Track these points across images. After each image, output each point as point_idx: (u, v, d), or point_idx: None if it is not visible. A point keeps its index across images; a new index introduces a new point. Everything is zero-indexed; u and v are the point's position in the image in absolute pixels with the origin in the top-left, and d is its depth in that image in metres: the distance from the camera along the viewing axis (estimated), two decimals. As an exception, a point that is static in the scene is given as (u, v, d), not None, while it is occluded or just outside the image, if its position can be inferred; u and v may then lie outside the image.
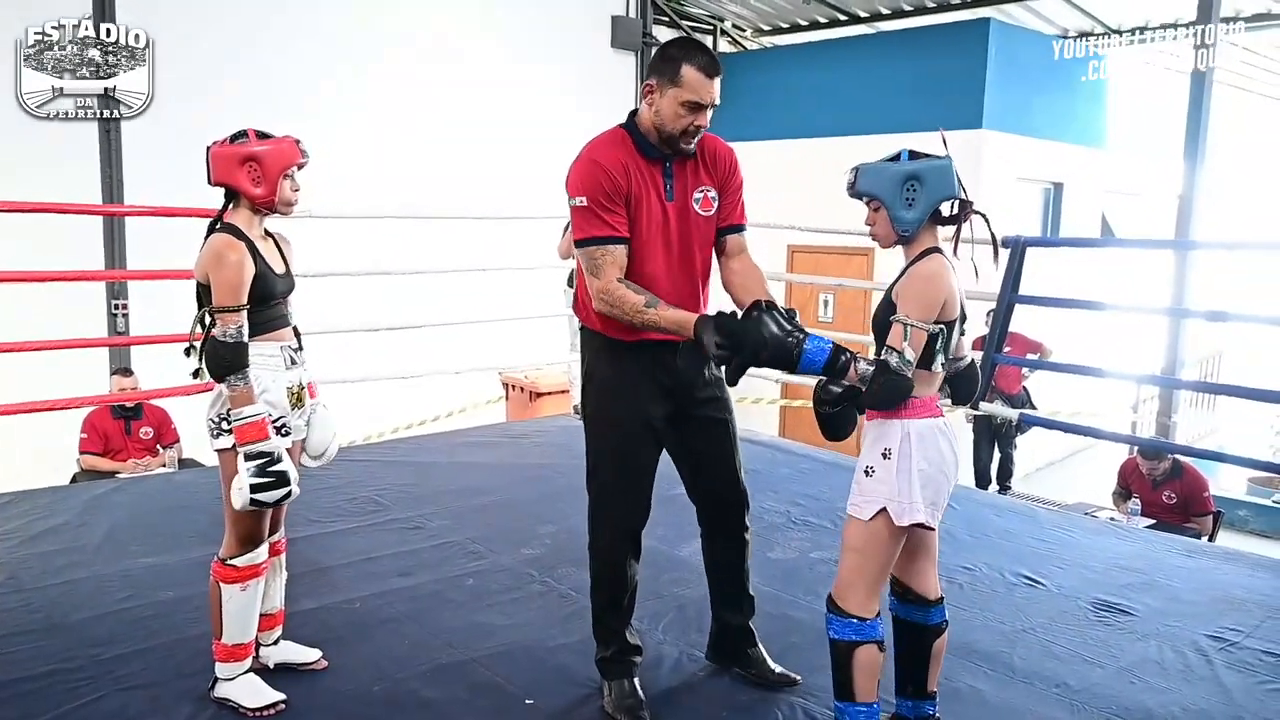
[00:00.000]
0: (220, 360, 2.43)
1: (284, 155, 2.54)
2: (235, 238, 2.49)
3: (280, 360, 2.58)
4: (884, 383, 2.13)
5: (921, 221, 2.24)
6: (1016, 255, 4.77)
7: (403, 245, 7.42)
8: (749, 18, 11.58)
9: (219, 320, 2.43)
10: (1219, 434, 10.65)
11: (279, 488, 2.43)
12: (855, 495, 2.27)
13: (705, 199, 2.55)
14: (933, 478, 2.21)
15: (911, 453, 2.19)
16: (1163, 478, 5.68)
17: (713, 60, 2.42)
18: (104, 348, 7.09)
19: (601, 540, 2.67)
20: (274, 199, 2.54)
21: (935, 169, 2.24)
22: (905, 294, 2.19)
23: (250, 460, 2.41)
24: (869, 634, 2.23)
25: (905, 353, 2.12)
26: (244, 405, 2.43)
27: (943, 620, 2.41)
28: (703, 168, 2.55)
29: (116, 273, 7.14)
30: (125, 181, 7.19)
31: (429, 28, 8.79)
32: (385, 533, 4.02)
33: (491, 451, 5.31)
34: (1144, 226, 11.40)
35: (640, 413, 2.57)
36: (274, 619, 2.77)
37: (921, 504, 2.19)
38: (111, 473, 5.43)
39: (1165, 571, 3.82)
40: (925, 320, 2.15)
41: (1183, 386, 8.68)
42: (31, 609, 3.19)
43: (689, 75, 2.38)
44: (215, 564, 2.55)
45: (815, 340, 2.18)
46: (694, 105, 2.40)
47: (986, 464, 8.17)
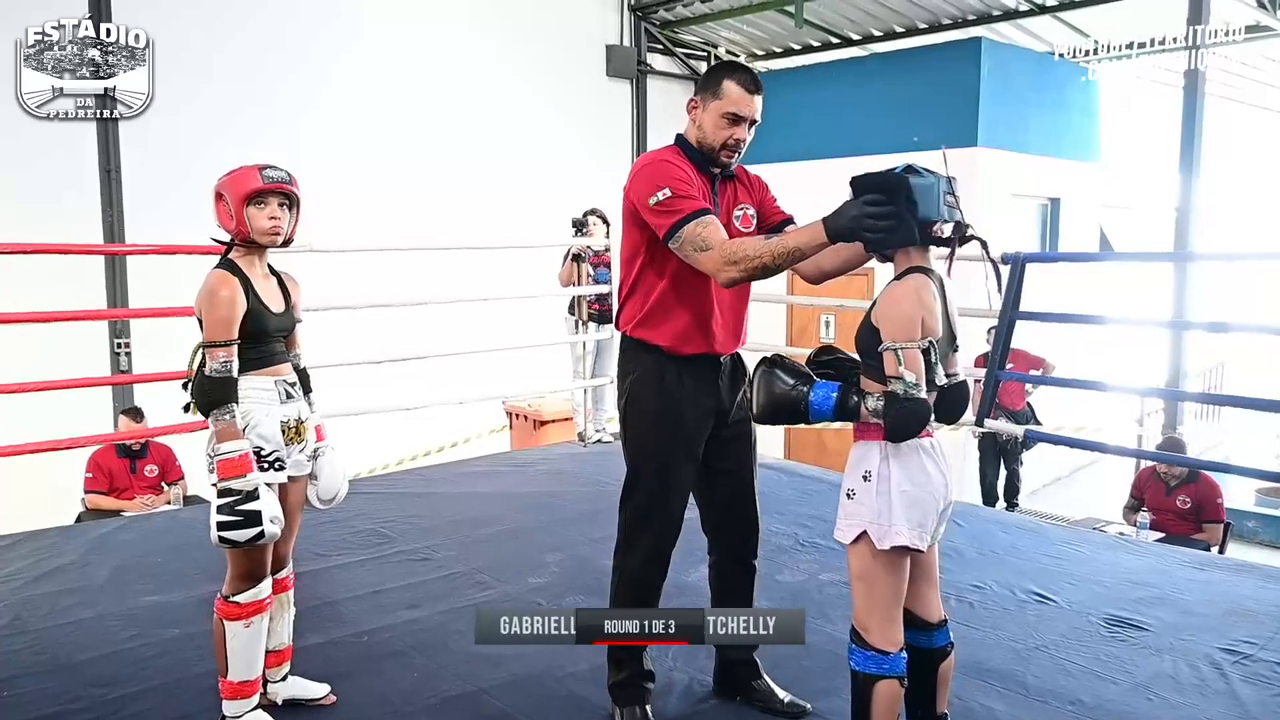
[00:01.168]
0: (206, 394, 2.43)
1: (239, 182, 2.49)
2: (230, 273, 2.50)
3: (275, 394, 2.57)
4: (897, 413, 2.10)
5: None
6: (1016, 271, 4.77)
7: (402, 276, 7.44)
8: (742, 43, 11.67)
9: (208, 354, 2.44)
10: (1225, 445, 10.61)
11: (248, 527, 2.39)
12: (839, 519, 2.24)
13: (745, 216, 2.63)
14: (918, 499, 2.16)
15: (891, 474, 2.16)
16: (1178, 482, 5.68)
17: (754, 78, 2.53)
18: (107, 387, 7.10)
19: (633, 562, 2.67)
20: (245, 229, 2.51)
21: (918, 187, 2.18)
22: (882, 318, 2.16)
23: (222, 497, 2.39)
24: (891, 669, 2.19)
25: (906, 377, 2.09)
26: (226, 440, 2.42)
27: (947, 643, 2.38)
28: (742, 188, 2.67)
29: (118, 311, 7.16)
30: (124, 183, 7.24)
31: (423, 56, 8.86)
32: (392, 565, 4.00)
33: (497, 481, 5.29)
34: (1142, 240, 11.43)
35: (684, 436, 2.61)
36: (282, 655, 2.75)
37: (904, 526, 2.14)
38: (116, 511, 5.42)
39: (1177, 585, 3.80)
40: (910, 340, 2.11)
41: (1187, 398, 8.67)
42: (37, 649, 3.17)
43: (729, 88, 2.49)
44: (218, 601, 2.54)
45: (821, 389, 2.18)
46: (734, 117, 2.50)
47: (993, 481, 8.14)
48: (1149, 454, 7.81)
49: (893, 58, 10.32)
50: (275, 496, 2.48)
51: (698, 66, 11.48)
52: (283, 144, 7.53)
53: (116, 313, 7.17)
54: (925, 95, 9.42)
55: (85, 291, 6.93)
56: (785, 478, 5.46)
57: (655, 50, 11.04)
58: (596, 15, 10.43)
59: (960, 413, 2.36)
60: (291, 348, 2.70)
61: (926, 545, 2.21)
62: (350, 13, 8.44)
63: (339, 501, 2.80)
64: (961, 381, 2.33)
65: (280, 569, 2.71)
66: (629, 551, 2.67)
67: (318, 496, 2.74)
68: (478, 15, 9.27)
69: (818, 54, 11.49)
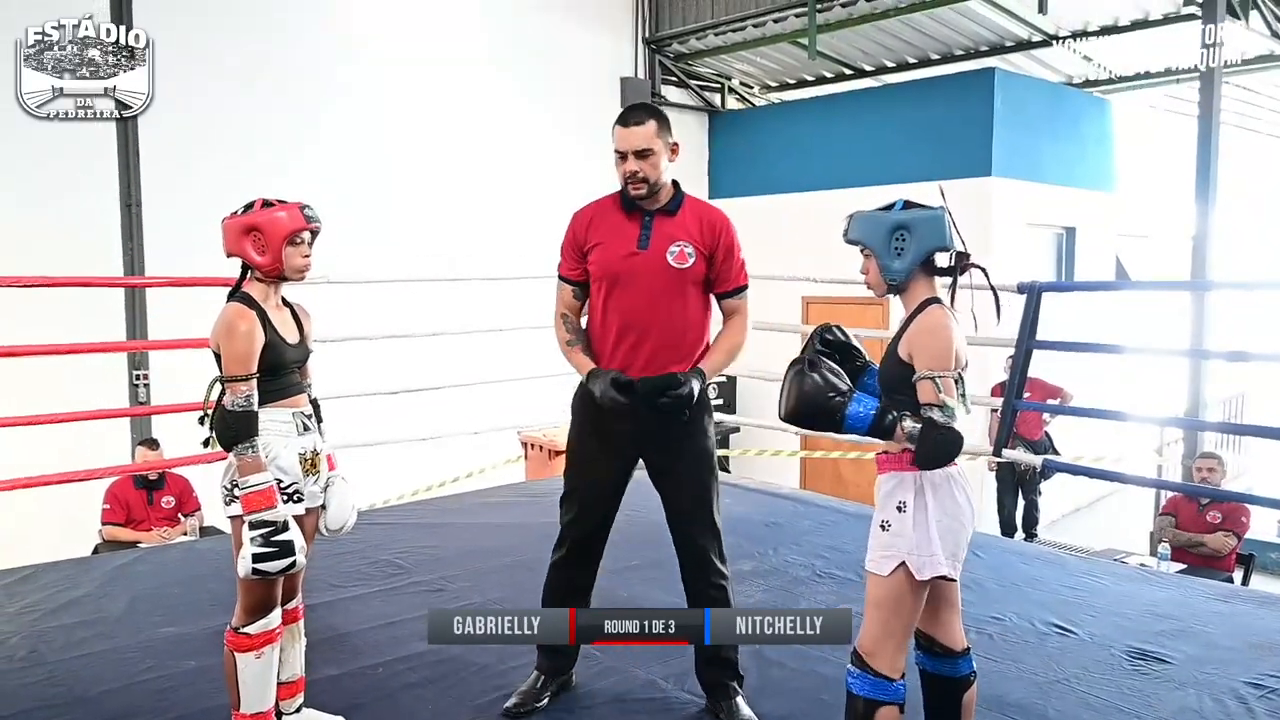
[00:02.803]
0: (228, 429, 2.44)
1: (283, 223, 2.52)
2: (247, 306, 2.51)
3: (292, 426, 2.58)
4: (935, 439, 2.10)
5: (909, 272, 2.25)
6: (1032, 301, 4.75)
7: (417, 306, 7.47)
8: (755, 75, 11.75)
9: (228, 389, 2.45)
10: (1248, 476, 10.50)
11: (282, 557, 2.40)
12: (873, 551, 2.23)
13: (681, 253, 2.74)
14: (950, 528, 2.18)
15: (928, 504, 2.17)
16: (1209, 500, 5.69)
17: (633, 111, 2.74)
18: (125, 418, 7.14)
19: (556, 558, 2.95)
20: (279, 267, 2.54)
21: (925, 220, 2.24)
22: (919, 348, 2.17)
23: (254, 529, 2.39)
24: (893, 695, 2.19)
25: (946, 404, 2.10)
26: (251, 474, 2.42)
27: (971, 671, 2.37)
28: (686, 225, 2.78)
29: (137, 343, 7.21)
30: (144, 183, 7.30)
31: (436, 86, 8.93)
32: (407, 596, 3.99)
33: (512, 511, 5.28)
34: (1159, 269, 11.38)
35: (597, 454, 2.86)
36: (295, 686, 2.74)
37: (942, 556, 2.16)
38: (133, 543, 5.43)
39: (1200, 618, 3.75)
40: (946, 370, 2.14)
41: (1207, 428, 8.57)
42: (54, 682, 3.17)
43: (615, 132, 2.74)
44: (228, 633, 2.53)
45: (860, 401, 2.17)
46: (621, 154, 2.72)
47: (1011, 511, 8.08)
48: (1169, 484, 7.76)
49: (906, 88, 10.36)
50: (298, 528, 2.49)
51: (711, 99, 11.56)
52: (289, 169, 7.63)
53: (135, 345, 7.22)
54: (939, 126, 9.45)
55: (104, 319, 6.98)
56: (802, 508, 5.43)
57: (669, 82, 11.12)
58: (611, 48, 10.53)
59: None
60: (303, 378, 2.71)
61: (959, 573, 2.23)
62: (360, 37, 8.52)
63: (346, 532, 2.80)
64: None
65: (290, 600, 2.71)
66: (555, 550, 2.95)
67: (325, 525, 2.74)
68: (492, 46, 9.36)
69: (831, 85, 11.55)
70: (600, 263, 2.77)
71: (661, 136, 2.72)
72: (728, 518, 5.09)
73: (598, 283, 2.80)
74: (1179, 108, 11.44)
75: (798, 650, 3.25)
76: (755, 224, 9.27)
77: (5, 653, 3.41)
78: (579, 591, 2.94)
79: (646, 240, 2.74)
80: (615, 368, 2.75)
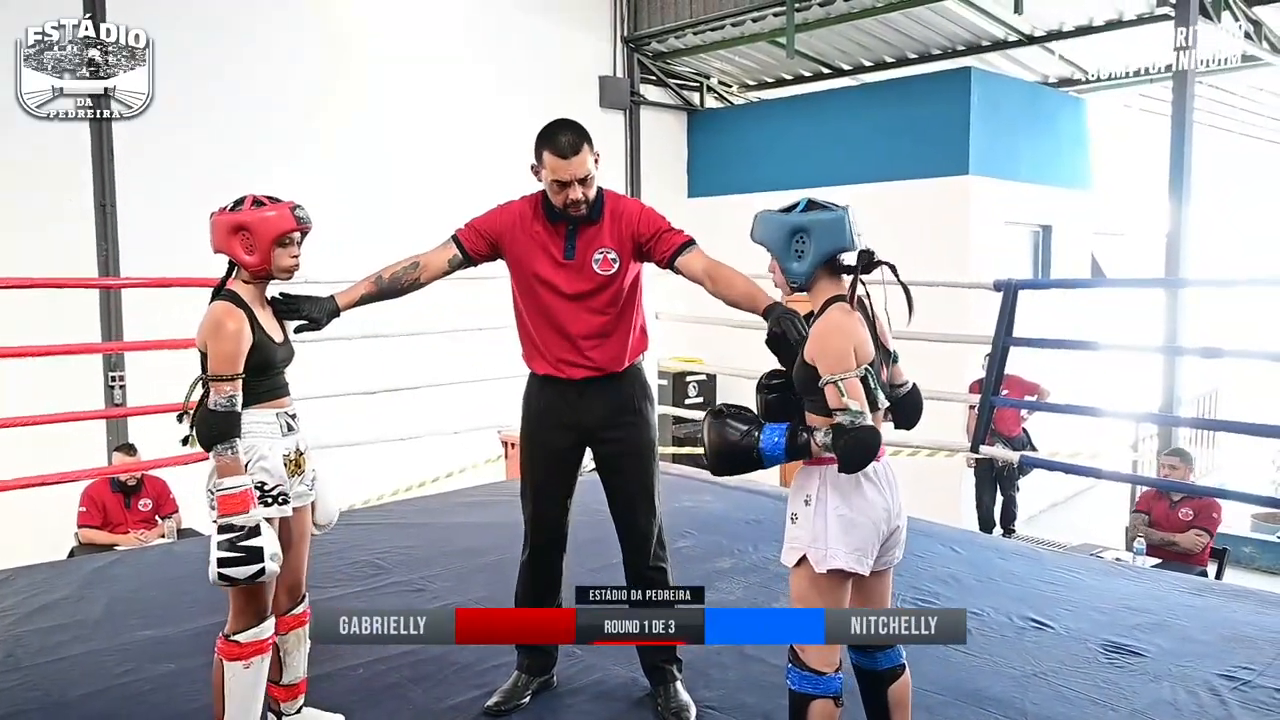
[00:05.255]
0: (210, 429, 2.40)
1: (273, 223, 2.48)
2: (235, 305, 2.47)
3: (277, 427, 2.55)
4: (846, 443, 2.11)
5: (809, 274, 2.25)
6: (1009, 298, 4.79)
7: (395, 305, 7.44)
8: (734, 73, 11.78)
9: (213, 388, 2.41)
10: (1221, 471, 10.62)
11: (249, 564, 2.34)
12: (785, 542, 2.30)
13: (605, 260, 2.78)
14: (855, 524, 2.19)
15: (828, 498, 2.20)
16: (1182, 495, 5.75)
17: (569, 141, 2.67)
18: (101, 420, 7.08)
19: (523, 557, 3.00)
20: (267, 267, 2.51)
21: (824, 221, 2.22)
22: (818, 354, 2.18)
23: (223, 533, 2.35)
24: (826, 688, 2.22)
25: (850, 406, 2.11)
26: (228, 475, 2.38)
27: (896, 664, 2.39)
28: (606, 231, 2.80)
29: (113, 345, 7.15)
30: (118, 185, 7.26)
31: (418, 83, 8.91)
32: (387, 596, 3.98)
33: (492, 511, 5.27)
34: (1133, 266, 11.49)
35: (540, 448, 2.93)
36: (297, 688, 2.74)
37: (842, 550, 2.18)
38: (110, 546, 5.39)
39: (1174, 611, 3.79)
40: (847, 370, 2.13)
41: (1181, 424, 8.68)
42: (30, 686, 3.14)
43: (548, 159, 2.69)
44: (219, 640, 2.48)
45: (769, 431, 2.20)
46: (560, 183, 2.68)
47: (989, 507, 8.13)
48: (1144, 479, 7.83)
49: (884, 88, 10.42)
50: (275, 533, 2.44)
51: (690, 97, 11.57)
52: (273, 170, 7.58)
53: (111, 346, 7.16)
54: (916, 124, 9.51)
55: (80, 322, 6.92)
56: (782, 505, 5.41)
57: (648, 81, 11.12)
58: (590, 47, 10.52)
59: (918, 415, 2.43)
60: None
61: (867, 569, 2.23)
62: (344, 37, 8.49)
63: (330, 527, 2.81)
64: (913, 387, 2.40)
65: (297, 603, 2.70)
66: (523, 549, 3.01)
67: (314, 522, 2.73)
68: (473, 45, 9.35)
69: (809, 84, 11.59)
70: (527, 271, 2.81)
71: (593, 154, 2.74)
72: (708, 515, 5.14)
73: (524, 290, 2.85)
74: (1153, 107, 11.56)
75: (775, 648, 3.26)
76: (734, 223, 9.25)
77: (-20, 657, 3.38)
78: (550, 588, 2.99)
79: (572, 250, 2.78)
80: (548, 365, 2.85)
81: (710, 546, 4.60)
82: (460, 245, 2.86)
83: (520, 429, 3.00)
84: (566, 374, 2.84)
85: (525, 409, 2.98)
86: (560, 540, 2.99)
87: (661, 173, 11.20)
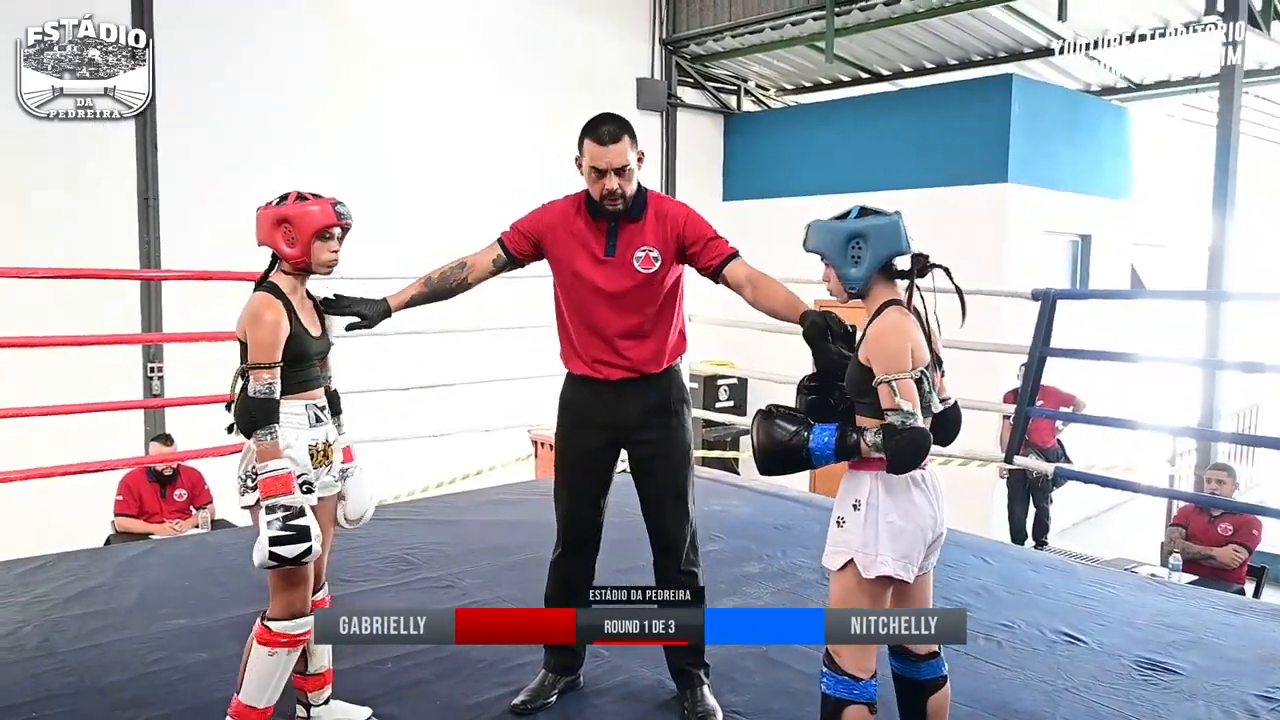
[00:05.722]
0: (249, 415, 2.47)
1: (314, 217, 2.54)
2: (274, 296, 2.54)
3: (305, 418, 2.59)
4: (898, 443, 2.12)
5: (866, 279, 2.26)
6: (1047, 308, 4.74)
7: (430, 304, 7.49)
8: (772, 77, 11.74)
9: (251, 376, 2.48)
10: (1260, 487, 10.43)
11: (299, 542, 2.42)
12: (828, 546, 2.29)
13: (646, 258, 2.78)
14: (904, 530, 2.20)
15: (880, 504, 2.20)
16: (1221, 510, 5.67)
17: (609, 131, 2.70)
18: (139, 410, 7.18)
19: (555, 554, 3.02)
20: (307, 260, 2.56)
21: (880, 227, 2.25)
22: (873, 354, 2.20)
23: (271, 513, 2.41)
24: (861, 694, 2.22)
25: (903, 407, 2.12)
26: (270, 459, 2.45)
27: (938, 675, 2.39)
28: (649, 229, 2.80)
29: (151, 336, 7.25)
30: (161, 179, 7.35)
31: (447, 83, 8.94)
32: (416, 591, 4.01)
33: (522, 509, 5.29)
34: (1174, 278, 11.32)
35: (574, 445, 2.95)
36: (324, 678, 2.78)
37: (890, 557, 2.19)
38: (146, 534, 5.46)
39: (1211, 629, 3.73)
40: (903, 371, 2.15)
41: (1220, 439, 8.53)
42: (64, 672, 3.19)
43: (587, 147, 2.73)
44: (259, 621, 2.55)
45: (819, 431, 2.20)
46: (598, 171, 2.71)
47: (1022, 519, 8.05)
48: (1181, 494, 7.71)
49: (923, 93, 10.34)
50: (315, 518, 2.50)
51: (728, 100, 11.55)
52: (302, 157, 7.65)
53: (149, 337, 7.26)
54: (955, 131, 9.43)
55: (120, 313, 7.02)
56: (811, 510, 5.42)
57: (685, 84, 11.12)
58: (628, 49, 10.53)
59: (956, 432, 2.42)
60: (323, 370, 2.72)
61: (912, 576, 2.24)
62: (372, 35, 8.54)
63: (365, 522, 2.83)
64: (954, 403, 2.40)
65: (318, 589, 2.74)
66: (555, 548, 3.02)
67: (345, 516, 2.76)
68: (508, 46, 9.38)
69: (848, 89, 11.53)
70: (568, 269, 2.83)
71: (635, 149, 2.75)
72: (736, 520, 5.12)
73: (564, 287, 2.87)
74: (1197, 117, 11.38)
75: (802, 652, 3.24)
76: (769, 226, 9.29)
77: (17, 642, 3.43)
78: (580, 588, 2.93)
79: (613, 247, 2.79)
80: (585, 366, 2.87)
81: (739, 551, 4.59)
82: (504, 246, 2.90)
83: (555, 429, 3.01)
84: (603, 374, 2.85)
85: (561, 409, 2.99)
86: (593, 540, 2.99)
87: (697, 175, 11.18)
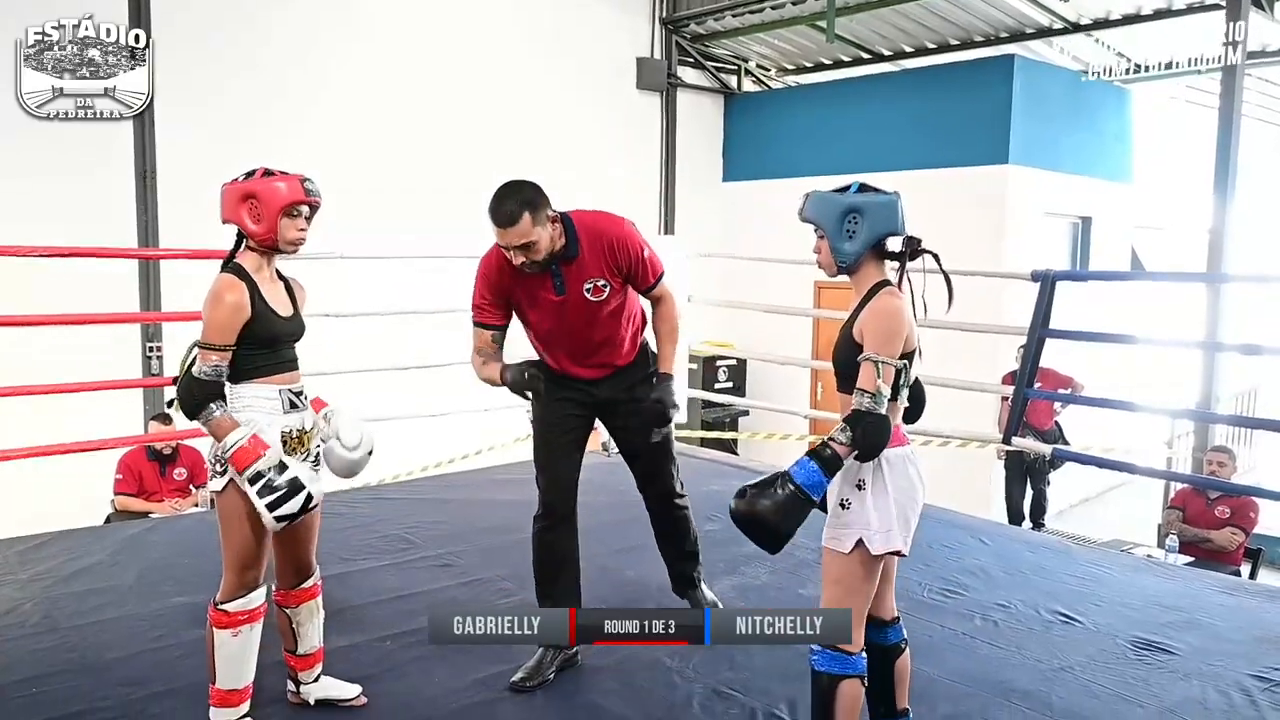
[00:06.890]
0: (190, 396, 2.43)
1: (281, 194, 2.48)
2: (238, 278, 2.48)
3: (278, 404, 2.54)
4: (863, 430, 2.16)
5: (860, 254, 2.27)
6: (1046, 290, 4.74)
7: (427, 284, 7.47)
8: (773, 57, 11.68)
9: (200, 356, 2.43)
10: (1258, 470, 10.45)
11: (295, 494, 2.40)
12: (832, 528, 2.30)
13: (595, 288, 2.94)
14: (904, 505, 2.26)
15: (886, 481, 2.23)
16: (1218, 494, 5.70)
17: (509, 211, 2.73)
18: (138, 389, 7.18)
19: (535, 525, 3.14)
20: (273, 237, 2.50)
21: (878, 204, 2.27)
22: (870, 330, 2.21)
23: (254, 483, 2.38)
24: (853, 668, 2.26)
25: (881, 390, 2.15)
26: (226, 433, 2.41)
27: (901, 639, 2.46)
28: (588, 263, 2.92)
29: (150, 315, 7.24)
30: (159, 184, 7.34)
31: (447, 63, 8.88)
32: (415, 570, 4.02)
33: (520, 489, 5.24)
34: (1174, 261, 11.30)
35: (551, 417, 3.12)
36: (314, 657, 2.78)
37: (900, 533, 2.23)
38: (145, 513, 5.47)
39: (1206, 610, 3.75)
40: (892, 355, 2.18)
41: (1218, 420, 8.54)
42: (66, 648, 3.21)
43: (490, 223, 2.79)
44: (210, 608, 2.52)
45: (799, 468, 2.20)
46: (502, 245, 2.81)
47: (1019, 500, 8.06)
48: (1178, 475, 7.73)
49: (924, 74, 10.29)
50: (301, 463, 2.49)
51: (728, 80, 11.49)
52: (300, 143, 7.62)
53: (149, 316, 7.25)
54: (957, 112, 9.39)
55: (119, 294, 7.00)
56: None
57: (686, 63, 11.05)
58: (628, 28, 10.47)
59: (921, 410, 2.46)
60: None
61: (909, 549, 2.30)
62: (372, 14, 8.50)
63: (367, 448, 2.74)
64: (916, 380, 2.41)
65: (305, 578, 2.73)
66: (536, 519, 3.14)
67: (342, 445, 2.68)
68: (506, 24, 9.32)
69: (849, 69, 11.47)
70: (527, 311, 3.00)
71: (538, 223, 2.75)
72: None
73: (527, 323, 3.06)
74: (1199, 99, 11.33)
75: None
76: (768, 207, 9.27)
77: (18, 619, 3.45)
78: (566, 557, 3.11)
79: (562, 286, 2.91)
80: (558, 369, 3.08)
81: (737, 531, 4.58)
82: (485, 326, 3.04)
83: (534, 404, 3.18)
84: (579, 374, 3.09)
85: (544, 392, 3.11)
86: (573, 505, 3.11)
87: (697, 156, 11.14)
